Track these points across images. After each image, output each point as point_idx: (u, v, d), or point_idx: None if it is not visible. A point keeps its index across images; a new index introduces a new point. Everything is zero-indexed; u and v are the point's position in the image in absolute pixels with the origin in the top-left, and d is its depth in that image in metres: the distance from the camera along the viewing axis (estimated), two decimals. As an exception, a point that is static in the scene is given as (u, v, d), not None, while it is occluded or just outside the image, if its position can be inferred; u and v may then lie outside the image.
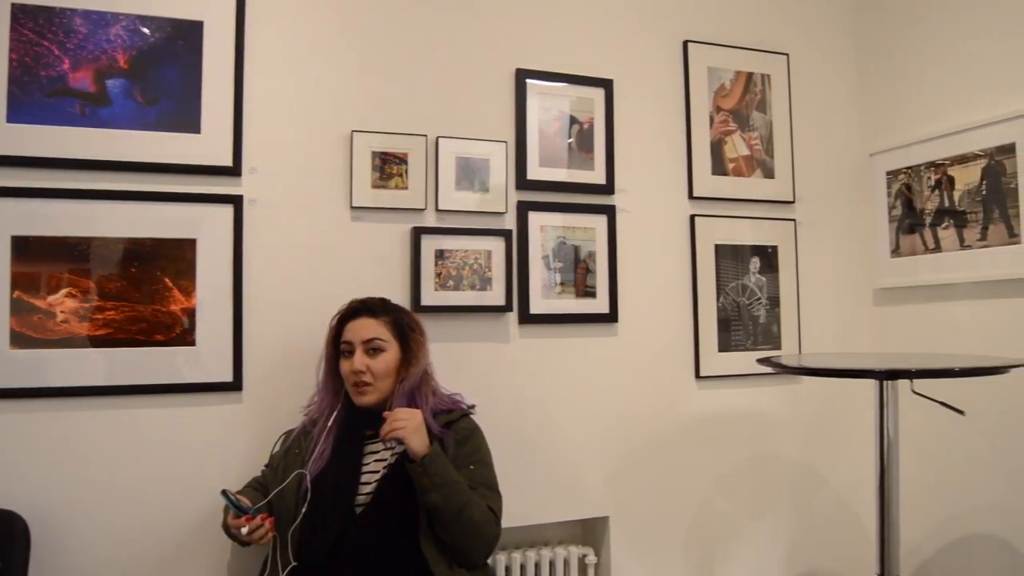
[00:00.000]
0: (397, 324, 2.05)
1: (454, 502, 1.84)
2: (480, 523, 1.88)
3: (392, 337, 2.03)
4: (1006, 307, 2.54)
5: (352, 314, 2.06)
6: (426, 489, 1.84)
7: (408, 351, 2.04)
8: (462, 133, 2.50)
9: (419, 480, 1.84)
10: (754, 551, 2.85)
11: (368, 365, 1.99)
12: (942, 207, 2.74)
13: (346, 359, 2.02)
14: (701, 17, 2.89)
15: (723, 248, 2.84)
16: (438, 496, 1.83)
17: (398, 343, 2.04)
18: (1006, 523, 2.55)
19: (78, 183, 2.12)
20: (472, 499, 1.88)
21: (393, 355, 2.02)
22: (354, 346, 2.00)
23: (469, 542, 1.89)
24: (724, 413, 2.82)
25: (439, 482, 1.84)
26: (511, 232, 2.52)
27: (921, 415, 2.58)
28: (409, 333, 2.05)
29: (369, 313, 2.04)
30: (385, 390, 2.01)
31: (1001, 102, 2.56)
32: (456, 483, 1.87)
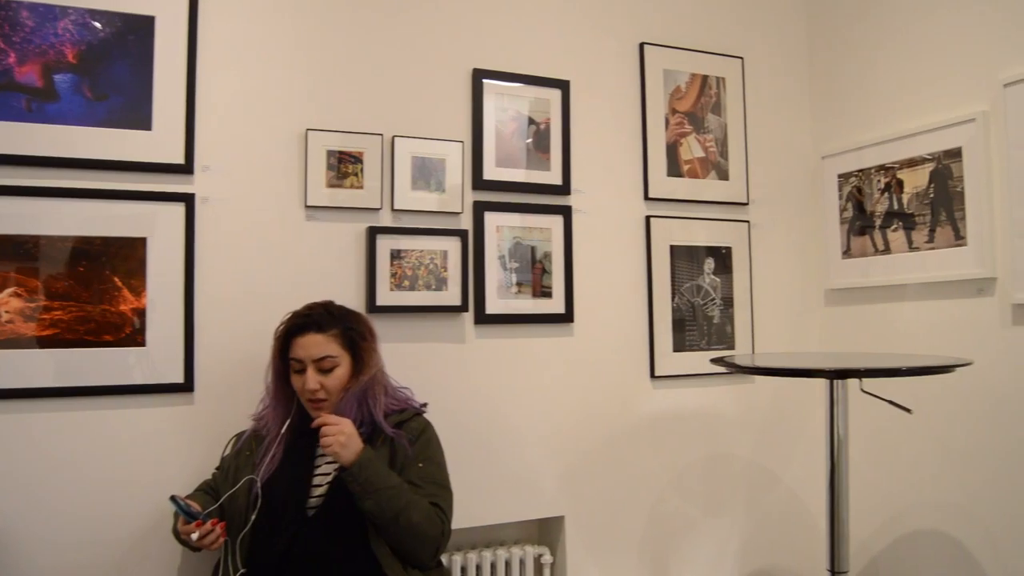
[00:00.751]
0: (346, 336, 2.01)
1: (390, 507, 1.83)
2: (421, 525, 1.87)
3: (342, 350, 2.00)
4: (952, 307, 2.60)
5: (298, 329, 2.00)
6: (359, 497, 1.83)
7: (359, 361, 2.02)
8: (418, 132, 2.49)
9: (351, 488, 1.84)
10: (708, 549, 2.88)
11: (321, 383, 1.96)
12: (891, 209, 2.79)
13: (298, 375, 1.99)
14: (657, 20, 2.92)
15: (678, 249, 2.86)
16: (372, 503, 1.83)
17: (349, 355, 2.01)
18: (952, 519, 2.60)
19: (24, 180, 2.07)
20: (411, 502, 1.87)
21: (345, 368, 1.99)
22: (305, 364, 1.97)
23: (412, 544, 1.89)
24: (679, 412, 2.85)
25: (371, 489, 1.83)
26: (467, 232, 2.52)
27: (871, 414, 2.64)
28: (359, 342, 2.02)
29: (316, 328, 1.98)
30: (340, 401, 1.99)
31: (949, 107, 2.61)
32: (390, 488, 1.85)
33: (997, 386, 2.45)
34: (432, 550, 1.93)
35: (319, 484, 1.95)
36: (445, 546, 1.97)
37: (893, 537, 2.81)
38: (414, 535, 1.87)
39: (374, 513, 1.84)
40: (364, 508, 1.84)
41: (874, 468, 2.87)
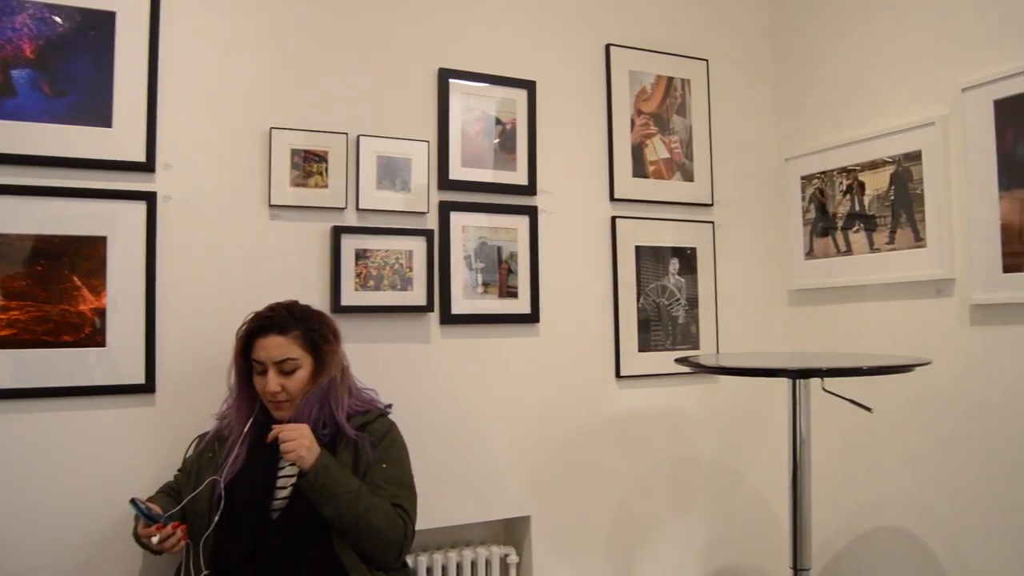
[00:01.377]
0: (308, 337, 1.99)
1: (349, 512, 1.82)
2: (382, 527, 1.86)
3: (304, 352, 1.98)
4: (912, 308, 2.64)
5: (260, 330, 1.98)
6: (318, 503, 1.82)
7: (321, 362, 2.00)
8: (384, 132, 2.48)
9: (309, 494, 1.83)
10: (673, 548, 2.90)
11: (283, 385, 1.95)
12: (853, 211, 2.83)
13: (260, 376, 1.97)
14: (623, 21, 2.93)
15: (643, 249, 2.88)
16: (331, 508, 1.82)
17: (311, 357, 1.99)
18: (911, 516, 2.64)
19: (-20, 177, 2.03)
20: (372, 505, 1.86)
21: (307, 370, 1.98)
22: (266, 365, 1.95)
23: (374, 547, 1.88)
24: (644, 412, 2.86)
25: (328, 494, 1.82)
26: (433, 232, 2.51)
27: (833, 413, 2.66)
28: (321, 344, 2.00)
29: (278, 329, 1.96)
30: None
31: (909, 111, 2.65)
32: (349, 492, 1.84)
33: (955, 385, 2.49)
34: (395, 552, 1.92)
35: (283, 486, 1.93)
36: (409, 547, 1.97)
37: (855, 534, 2.85)
38: (376, 538, 1.87)
39: (334, 518, 1.83)
40: (324, 513, 1.83)
41: (836, 466, 2.90)
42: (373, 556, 1.89)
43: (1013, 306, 2.34)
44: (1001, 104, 2.35)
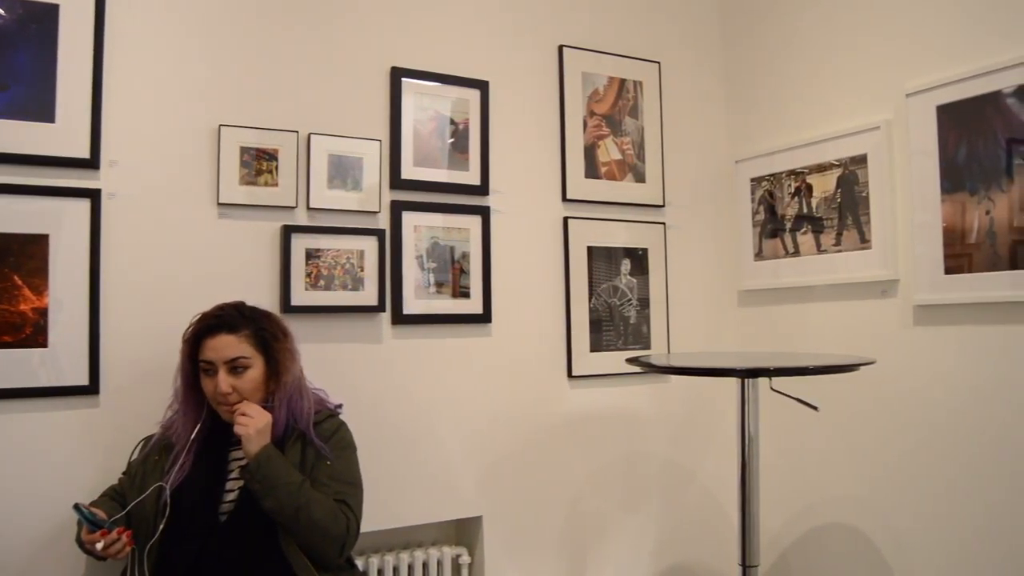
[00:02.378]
0: (258, 336, 1.96)
1: (289, 503, 1.81)
2: (323, 521, 1.84)
3: (255, 351, 1.95)
4: (858, 308, 2.69)
5: (208, 330, 1.93)
6: (259, 495, 1.81)
7: (274, 362, 1.96)
8: (335, 130, 2.46)
9: (251, 486, 1.82)
10: (625, 546, 2.92)
11: (234, 385, 1.91)
12: (801, 213, 2.87)
13: (209, 378, 1.92)
14: (576, 23, 2.94)
15: (595, 250, 2.89)
16: (271, 500, 1.81)
17: (262, 356, 1.96)
18: (857, 512, 2.70)
19: (-84, 173, 1.97)
20: (313, 499, 1.84)
21: (258, 370, 1.95)
22: (216, 366, 1.91)
23: (315, 541, 1.86)
24: (596, 412, 2.88)
25: (269, 486, 1.80)
26: (384, 232, 2.50)
27: (781, 411, 2.71)
28: (273, 343, 1.97)
29: (227, 328, 1.93)
30: (255, 404, 1.94)
31: (855, 115, 2.70)
32: (290, 484, 1.82)
33: (899, 384, 2.54)
34: (338, 548, 1.90)
35: (231, 490, 1.91)
36: (353, 544, 1.95)
37: (802, 530, 2.90)
38: (317, 532, 1.84)
39: (274, 510, 1.81)
40: (265, 507, 1.81)
41: (784, 464, 2.95)
42: (315, 551, 1.87)
43: (955, 307, 2.39)
44: (944, 109, 2.40)
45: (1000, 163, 2.26)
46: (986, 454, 2.32)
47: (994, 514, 2.30)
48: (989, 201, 2.29)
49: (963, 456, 2.37)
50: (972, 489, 2.35)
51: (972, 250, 2.32)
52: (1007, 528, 2.26)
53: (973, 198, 2.33)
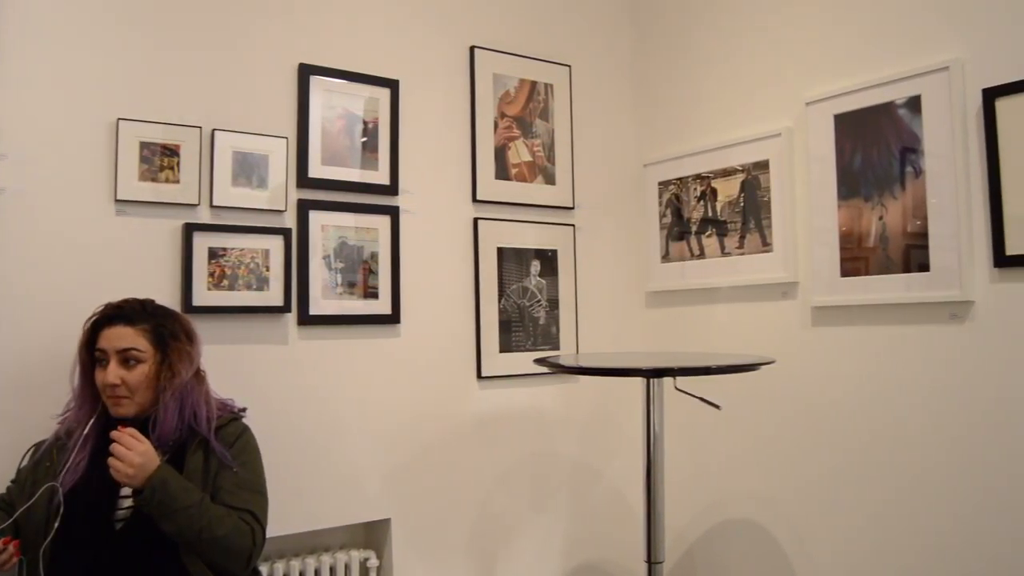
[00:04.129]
0: (156, 332, 1.90)
1: (190, 527, 1.76)
2: (227, 538, 1.80)
3: (150, 346, 1.89)
4: (760, 309, 2.77)
5: (107, 320, 1.88)
6: (156, 519, 1.76)
7: (168, 360, 1.90)
8: (240, 127, 2.40)
9: (147, 511, 1.76)
10: (534, 546, 2.93)
11: (123, 377, 1.85)
12: (707, 216, 2.94)
13: (101, 368, 1.86)
14: (488, 24, 2.94)
15: (505, 251, 2.90)
16: (171, 525, 1.76)
17: (157, 353, 1.90)
18: (759, 508, 2.77)
19: None
20: (214, 518, 1.79)
21: (150, 366, 1.88)
22: (109, 355, 1.86)
23: (220, 558, 1.82)
24: (505, 413, 2.89)
25: (167, 511, 1.75)
26: (290, 231, 2.45)
27: (687, 410, 2.76)
28: (171, 342, 1.91)
29: (126, 320, 1.88)
30: (144, 402, 1.88)
31: (758, 122, 2.78)
32: (189, 508, 1.77)
33: (797, 383, 2.62)
34: (243, 561, 1.85)
35: (126, 496, 1.84)
36: (259, 554, 1.90)
37: (707, 526, 2.96)
38: (220, 549, 1.80)
39: (175, 533, 1.76)
40: (165, 530, 1.76)
41: (690, 462, 3.01)
42: (221, 566, 1.82)
43: (850, 308, 2.48)
44: (840, 118, 2.49)
45: (893, 171, 2.36)
46: (880, 449, 2.41)
47: (888, 506, 2.39)
48: (882, 207, 2.38)
49: (858, 452, 2.46)
50: (867, 482, 2.44)
51: (868, 254, 2.41)
52: (900, 519, 2.36)
53: (867, 204, 2.42)
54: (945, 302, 2.24)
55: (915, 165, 2.31)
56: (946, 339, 2.25)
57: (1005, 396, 2.13)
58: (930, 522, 2.28)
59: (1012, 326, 2.12)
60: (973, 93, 2.19)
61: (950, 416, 2.24)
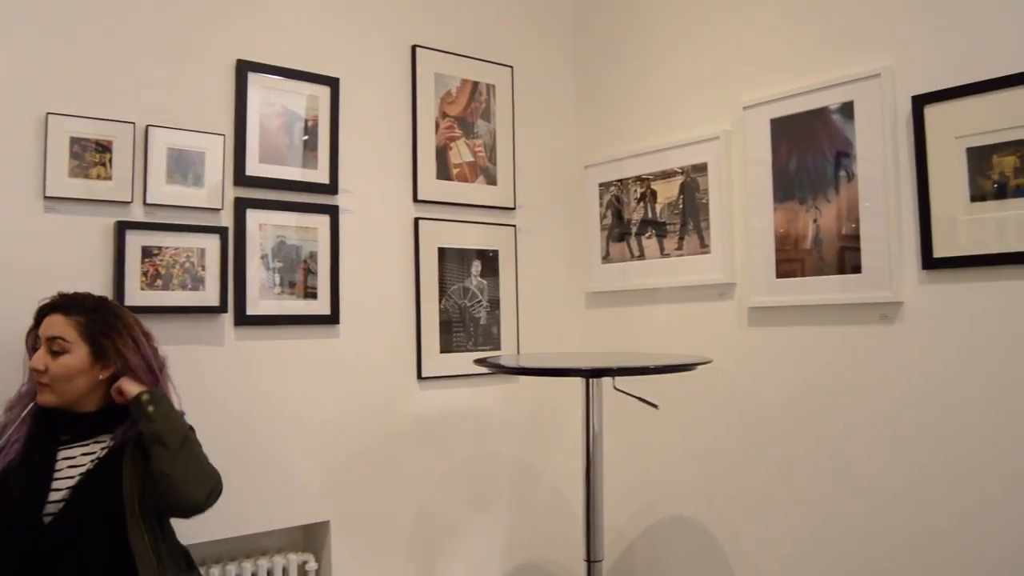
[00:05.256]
0: (89, 326, 1.87)
1: (180, 429, 1.85)
2: (203, 458, 1.89)
3: (79, 338, 1.86)
4: (698, 310, 2.80)
5: (49, 308, 1.89)
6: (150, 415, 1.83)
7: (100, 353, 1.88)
8: (176, 123, 2.35)
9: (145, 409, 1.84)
10: (474, 546, 2.93)
11: (47, 365, 1.83)
12: (646, 218, 2.97)
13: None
14: (430, 23, 2.93)
15: (446, 251, 2.89)
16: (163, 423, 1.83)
17: (87, 346, 1.87)
18: (697, 505, 2.80)
19: None
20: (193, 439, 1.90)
21: (77, 359, 1.85)
22: (40, 342, 1.86)
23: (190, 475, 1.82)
24: (445, 413, 2.88)
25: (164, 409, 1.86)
26: (227, 230, 2.41)
27: (626, 410, 2.79)
28: (100, 338, 1.88)
29: (62, 310, 1.87)
30: (66, 394, 1.86)
31: (698, 125, 2.82)
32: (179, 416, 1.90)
33: (734, 382, 2.67)
34: (208, 489, 1.86)
35: (58, 488, 1.79)
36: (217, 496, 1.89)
37: (646, 525, 2.99)
38: (194, 464, 1.85)
39: (163, 432, 1.81)
40: (153, 429, 1.82)
41: (629, 462, 3.04)
42: (186, 490, 1.80)
43: (785, 308, 2.53)
44: (777, 123, 2.54)
45: (827, 174, 2.41)
46: (814, 447, 2.46)
47: (822, 502, 2.44)
48: (816, 210, 2.43)
49: (793, 449, 2.51)
50: (802, 480, 2.49)
51: (804, 255, 2.46)
52: (834, 515, 2.41)
53: (802, 206, 2.46)
54: (876, 303, 2.30)
55: (848, 169, 2.36)
56: (877, 339, 2.31)
57: (932, 394, 2.19)
58: (863, 517, 2.34)
59: (939, 326, 2.18)
60: (903, 100, 2.25)
61: (881, 414, 2.30)
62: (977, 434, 2.10)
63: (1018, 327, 2.03)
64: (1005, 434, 2.05)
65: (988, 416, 2.08)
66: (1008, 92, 2.04)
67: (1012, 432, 2.04)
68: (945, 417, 2.16)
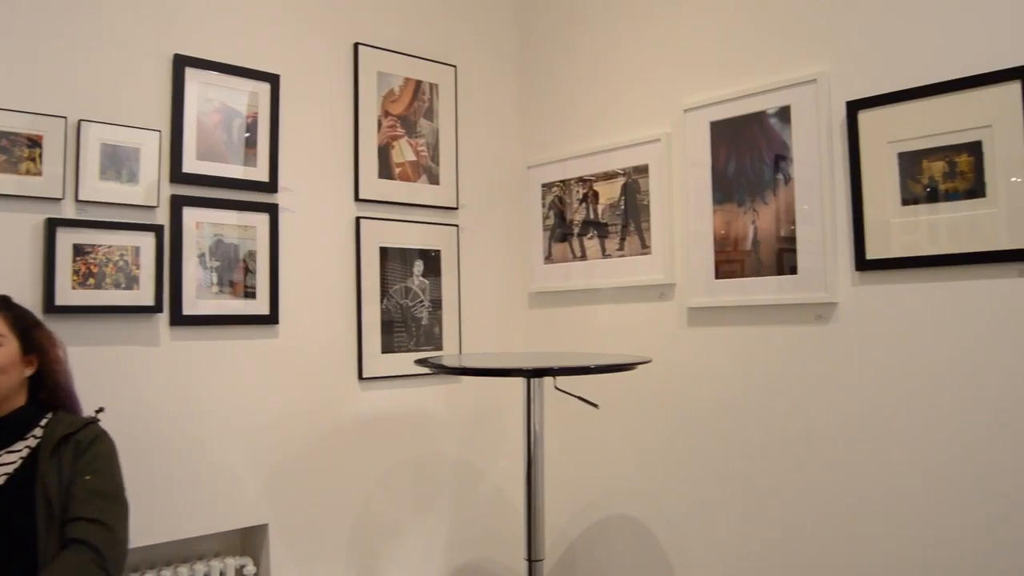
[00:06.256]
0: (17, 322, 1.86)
1: None
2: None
3: (10, 332, 1.84)
4: (639, 310, 2.83)
5: None
6: None
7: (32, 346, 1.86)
8: (110, 118, 2.29)
9: None
10: (416, 547, 2.91)
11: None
12: (588, 219, 2.99)
13: None
14: (373, 21, 2.91)
15: (388, 251, 2.87)
16: None
17: (17, 340, 1.84)
18: (637, 503, 2.83)
19: None
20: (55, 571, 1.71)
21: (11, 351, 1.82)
22: None
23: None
24: (387, 414, 2.86)
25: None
26: (163, 228, 2.36)
27: (568, 409, 2.80)
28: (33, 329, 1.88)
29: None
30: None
31: (639, 127, 2.85)
32: None
33: (674, 381, 2.70)
34: None
35: None
36: (120, 569, 1.82)
37: (587, 523, 3.01)
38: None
39: None
40: None
41: (571, 461, 3.05)
42: None
43: (723, 309, 2.57)
44: (716, 126, 2.57)
45: (764, 177, 2.45)
46: (752, 445, 2.50)
47: (759, 500, 2.48)
48: (754, 212, 2.47)
49: (731, 447, 2.55)
50: (740, 478, 2.53)
51: (743, 256, 2.50)
52: (771, 513, 2.46)
53: (740, 208, 2.50)
54: (812, 303, 2.34)
55: (785, 172, 2.40)
56: (812, 339, 2.36)
57: (865, 393, 2.24)
58: (799, 515, 2.38)
59: (871, 326, 2.23)
60: (838, 105, 2.30)
61: (817, 412, 2.34)
62: (907, 430, 2.16)
63: (948, 327, 2.09)
64: (934, 430, 2.11)
65: (918, 412, 2.14)
66: (937, 99, 2.10)
67: (941, 427, 2.09)
68: (877, 415, 2.22)
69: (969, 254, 2.04)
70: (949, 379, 2.08)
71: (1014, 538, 1.97)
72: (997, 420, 2.01)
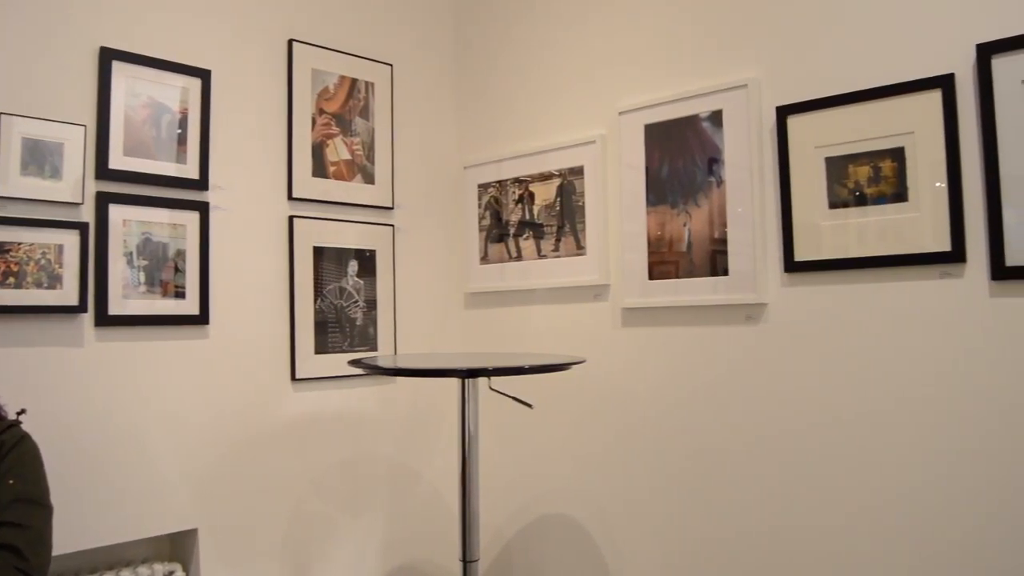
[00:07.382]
0: None
1: None
2: None
3: None
4: (574, 311, 2.85)
5: None
6: None
7: None
8: (31, 111, 2.22)
9: None
10: (350, 549, 2.89)
11: None
12: (524, 219, 3.00)
13: None
14: (307, 18, 2.87)
15: (322, 250, 2.84)
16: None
17: None
18: (573, 503, 2.85)
19: None
20: None
21: None
22: None
23: None
24: (321, 415, 2.83)
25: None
26: (88, 225, 2.29)
27: (503, 410, 2.80)
28: None
29: None
30: None
31: (575, 129, 2.87)
32: None
33: (608, 381, 2.72)
34: None
35: None
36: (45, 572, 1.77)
37: (523, 523, 3.02)
38: None
39: None
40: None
41: (506, 461, 3.06)
42: None
43: (657, 309, 2.60)
44: (650, 128, 2.60)
45: (697, 180, 2.49)
46: (684, 445, 2.54)
47: (693, 499, 2.52)
48: (687, 214, 2.51)
49: (664, 447, 2.58)
50: (674, 477, 2.56)
51: (678, 258, 2.53)
52: (704, 512, 2.49)
53: (674, 211, 2.54)
54: (742, 304, 2.39)
55: (718, 175, 2.44)
56: (742, 339, 2.40)
57: (794, 392, 2.29)
58: (731, 513, 2.43)
59: (799, 327, 2.28)
60: (768, 110, 2.34)
61: (747, 412, 2.39)
62: (834, 430, 2.21)
63: (873, 326, 2.15)
64: (859, 427, 2.16)
65: (844, 413, 2.19)
66: (862, 106, 2.16)
67: (866, 424, 2.15)
68: (805, 413, 2.27)
69: (894, 256, 2.10)
70: (874, 377, 2.14)
71: (949, 531, 2.04)
72: (921, 416, 2.07)
